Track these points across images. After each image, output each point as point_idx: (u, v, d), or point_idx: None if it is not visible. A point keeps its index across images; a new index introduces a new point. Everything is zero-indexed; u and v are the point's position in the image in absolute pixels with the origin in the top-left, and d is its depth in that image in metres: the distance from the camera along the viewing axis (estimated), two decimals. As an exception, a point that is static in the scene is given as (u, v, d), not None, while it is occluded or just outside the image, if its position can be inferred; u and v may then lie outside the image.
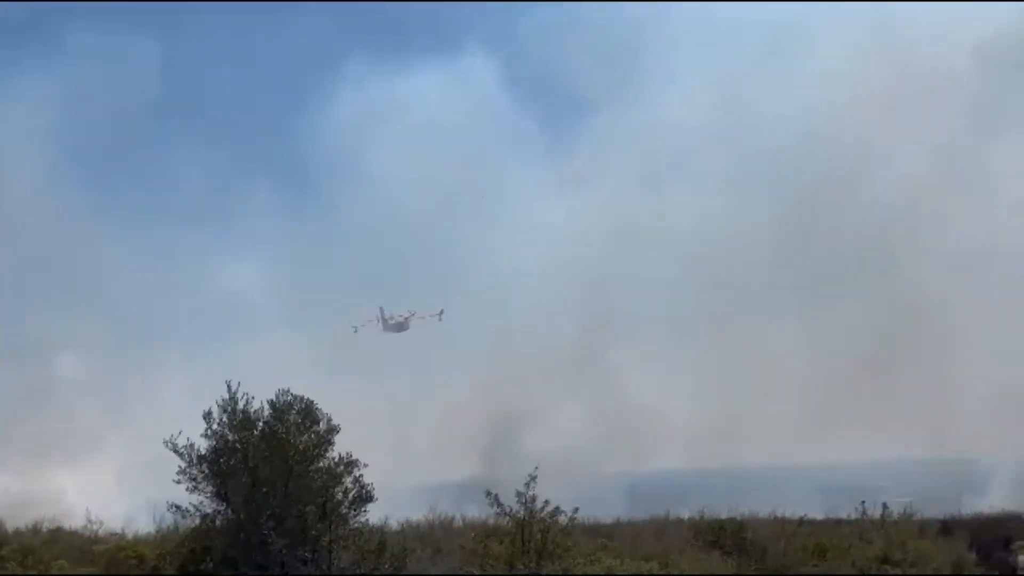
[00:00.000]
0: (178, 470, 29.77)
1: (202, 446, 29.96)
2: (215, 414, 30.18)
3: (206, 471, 29.85)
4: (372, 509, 30.96)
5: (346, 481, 30.26)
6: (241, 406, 30.20)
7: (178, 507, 29.86)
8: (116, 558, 31.49)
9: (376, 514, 31.59)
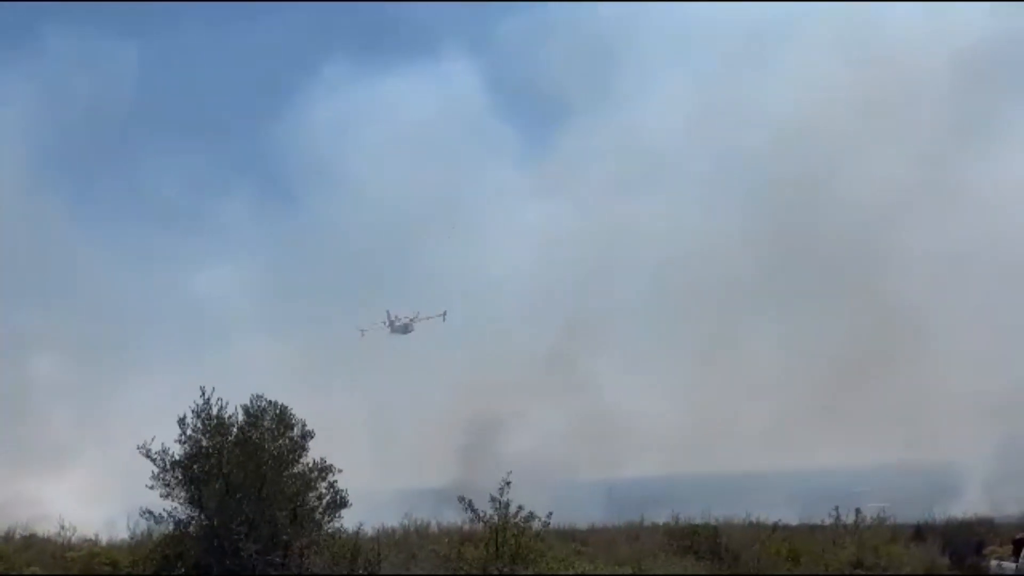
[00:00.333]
0: (151, 476, 29.78)
1: (176, 452, 29.99)
2: (189, 420, 30.21)
3: (180, 477, 29.85)
4: (349, 515, 31.09)
5: (320, 487, 30.37)
6: (215, 411, 30.24)
7: (151, 513, 29.79)
8: (89, 564, 31.52)
9: (354, 520, 31.70)
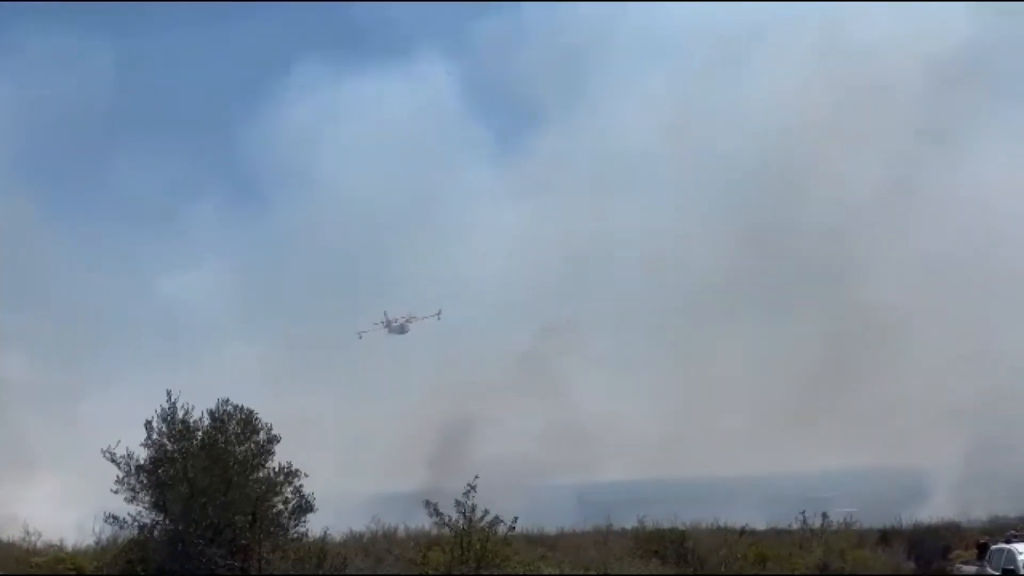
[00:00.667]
0: (116, 480, 29.70)
1: (141, 456, 29.92)
2: (155, 424, 30.15)
3: (144, 481, 29.79)
4: (318, 519, 31.03)
5: (286, 491, 30.31)
6: (181, 416, 30.20)
7: (116, 518, 29.73)
8: (54, 569, 31.36)
9: (322, 524, 31.66)
